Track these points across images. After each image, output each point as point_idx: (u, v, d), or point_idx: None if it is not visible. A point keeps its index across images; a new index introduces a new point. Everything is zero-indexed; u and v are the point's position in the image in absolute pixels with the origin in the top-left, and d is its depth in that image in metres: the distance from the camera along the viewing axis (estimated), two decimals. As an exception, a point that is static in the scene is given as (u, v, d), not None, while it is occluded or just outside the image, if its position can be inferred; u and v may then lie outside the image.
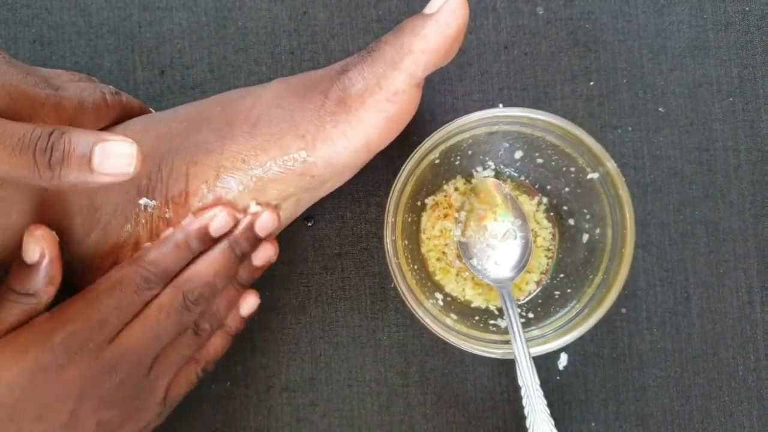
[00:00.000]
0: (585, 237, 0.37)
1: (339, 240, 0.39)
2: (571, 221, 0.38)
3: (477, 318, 0.37)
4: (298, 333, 0.39)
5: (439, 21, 0.31)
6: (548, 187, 0.38)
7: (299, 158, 0.33)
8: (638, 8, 0.40)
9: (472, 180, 0.39)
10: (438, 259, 0.39)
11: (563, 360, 0.39)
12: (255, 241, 0.34)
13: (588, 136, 0.34)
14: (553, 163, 0.37)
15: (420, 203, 0.38)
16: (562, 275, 0.38)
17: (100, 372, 0.31)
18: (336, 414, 0.39)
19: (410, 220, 0.37)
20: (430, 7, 0.31)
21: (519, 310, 0.37)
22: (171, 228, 0.33)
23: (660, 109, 0.39)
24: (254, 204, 0.34)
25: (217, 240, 0.33)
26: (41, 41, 0.40)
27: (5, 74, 0.28)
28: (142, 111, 0.36)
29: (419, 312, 0.34)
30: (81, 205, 0.33)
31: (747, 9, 0.40)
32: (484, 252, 0.38)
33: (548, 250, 0.39)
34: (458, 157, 0.38)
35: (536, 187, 0.39)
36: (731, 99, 0.39)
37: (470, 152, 0.38)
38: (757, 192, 0.39)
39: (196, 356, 0.35)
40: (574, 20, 0.40)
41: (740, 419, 0.39)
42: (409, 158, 0.34)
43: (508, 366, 0.39)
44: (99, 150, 0.26)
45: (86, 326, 0.31)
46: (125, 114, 0.35)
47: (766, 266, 0.39)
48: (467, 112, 0.34)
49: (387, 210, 0.34)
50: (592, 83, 0.39)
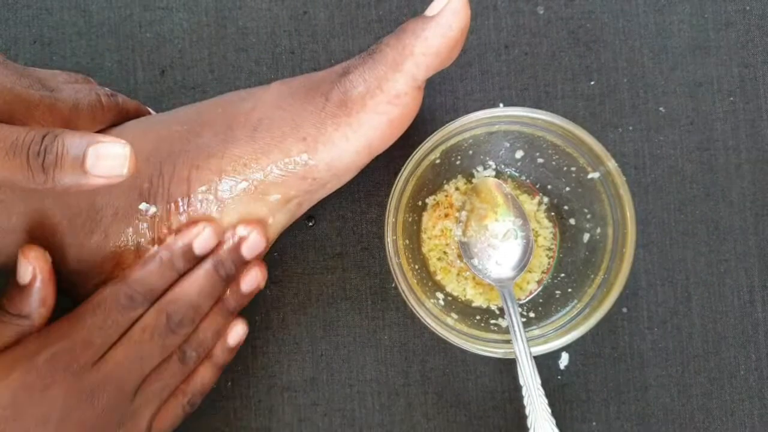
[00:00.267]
0: (586, 236, 0.37)
1: (340, 240, 0.39)
2: (572, 221, 0.38)
3: (478, 317, 0.37)
4: (299, 333, 0.39)
5: (441, 23, 0.31)
6: (549, 187, 0.38)
7: (301, 161, 0.32)
8: (639, 7, 0.40)
9: (473, 180, 0.39)
10: (439, 259, 0.39)
11: (564, 359, 0.39)
12: (241, 264, 0.34)
13: (589, 136, 0.34)
14: (554, 163, 0.37)
15: (421, 203, 0.38)
16: (563, 275, 0.38)
17: (83, 394, 0.30)
18: (337, 414, 0.39)
19: (411, 220, 0.37)
20: (432, 9, 0.31)
21: (520, 310, 0.37)
22: (172, 235, 0.33)
23: (661, 109, 0.39)
24: (242, 227, 0.33)
25: (202, 259, 0.33)
26: (42, 41, 0.40)
27: None
28: (139, 113, 0.36)
29: (420, 312, 0.34)
30: (81, 208, 0.32)
31: (748, 8, 0.39)
32: (485, 252, 0.38)
33: (549, 250, 0.39)
34: (459, 157, 0.38)
35: (537, 187, 0.39)
36: (732, 98, 0.39)
37: (471, 152, 0.38)
38: (758, 191, 0.39)
39: (183, 387, 0.34)
40: (575, 20, 0.40)
41: (741, 418, 0.39)
42: (410, 158, 0.34)
43: (509, 365, 0.39)
44: (92, 152, 0.26)
45: (70, 346, 0.30)
46: (122, 116, 0.35)
47: (767, 265, 0.39)
48: (468, 112, 0.34)
49: (388, 210, 0.34)
50: (593, 83, 0.39)
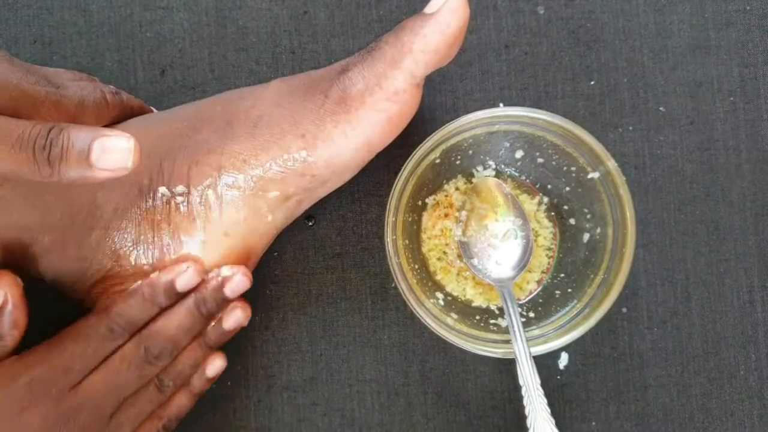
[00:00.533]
0: (586, 236, 0.37)
1: (340, 240, 0.39)
2: (572, 221, 0.38)
3: (478, 317, 0.37)
4: (299, 332, 0.39)
5: (440, 21, 0.31)
6: (549, 187, 0.38)
7: (300, 158, 0.33)
8: (639, 7, 0.39)
9: (473, 179, 0.39)
10: (439, 259, 0.39)
11: (564, 359, 0.39)
12: (223, 303, 0.34)
13: (589, 136, 0.34)
14: (554, 163, 0.37)
15: (421, 203, 0.38)
16: (563, 275, 0.38)
17: (61, 418, 0.31)
18: (337, 413, 0.39)
19: (411, 220, 0.37)
20: (431, 7, 0.31)
21: (520, 310, 0.37)
22: (156, 272, 0.33)
23: (661, 109, 0.39)
24: (227, 267, 0.34)
25: (185, 295, 0.33)
26: (42, 41, 0.40)
27: (5, 73, 0.28)
28: (143, 110, 0.37)
29: (420, 311, 0.34)
30: (82, 205, 0.33)
31: (748, 8, 0.39)
32: (485, 251, 0.38)
33: (549, 250, 0.39)
34: (459, 157, 0.38)
35: (537, 187, 0.39)
36: (732, 98, 0.39)
37: (471, 152, 0.38)
38: (758, 191, 0.39)
39: (159, 412, 0.35)
40: (575, 19, 0.40)
41: (741, 418, 0.39)
42: (410, 158, 0.34)
43: (509, 365, 0.39)
44: (97, 145, 0.26)
45: (50, 370, 0.31)
46: (125, 113, 0.35)
47: (767, 265, 0.39)
48: (468, 112, 0.34)
49: (388, 209, 0.34)
50: (593, 82, 0.39)
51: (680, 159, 0.39)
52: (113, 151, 0.27)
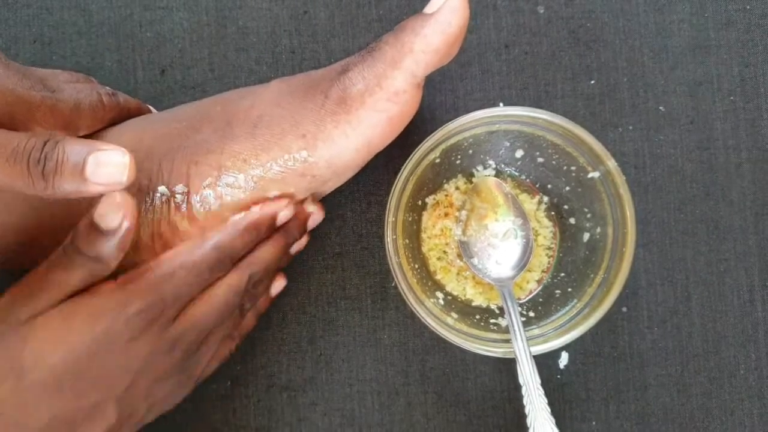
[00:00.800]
0: (586, 236, 0.37)
1: (339, 239, 0.39)
2: (572, 220, 0.38)
3: (478, 317, 0.37)
4: (299, 332, 0.39)
5: (440, 20, 0.31)
6: (549, 186, 0.38)
7: (300, 158, 0.33)
8: (639, 7, 0.39)
9: (473, 179, 0.39)
10: (439, 258, 0.39)
11: (564, 359, 0.39)
12: (301, 236, 0.37)
13: (589, 135, 0.34)
14: (554, 162, 0.37)
15: (421, 202, 0.38)
16: (563, 274, 0.38)
17: (166, 346, 0.31)
18: (336, 413, 0.39)
19: (411, 220, 0.37)
20: (431, 7, 0.31)
21: (520, 309, 0.37)
22: (238, 215, 0.34)
23: (661, 108, 0.39)
24: (311, 204, 0.36)
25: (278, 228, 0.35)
26: (42, 41, 0.40)
27: (0, 78, 0.28)
28: (141, 111, 0.36)
29: (420, 311, 0.34)
30: (82, 206, 0.33)
31: (748, 7, 0.39)
32: (485, 251, 0.38)
33: (549, 249, 0.39)
34: (459, 157, 0.38)
35: (537, 186, 0.39)
36: (732, 98, 0.39)
37: (471, 151, 0.38)
38: (758, 190, 0.39)
39: (232, 333, 0.36)
40: (575, 19, 0.40)
41: (741, 418, 0.39)
42: (410, 157, 0.34)
43: (509, 365, 0.39)
44: (92, 159, 0.26)
45: (161, 300, 0.31)
46: (123, 115, 0.35)
47: (767, 265, 0.39)
48: (468, 111, 0.34)
49: (388, 209, 0.34)
50: (593, 82, 0.39)
51: (680, 158, 0.39)
52: (108, 165, 0.27)
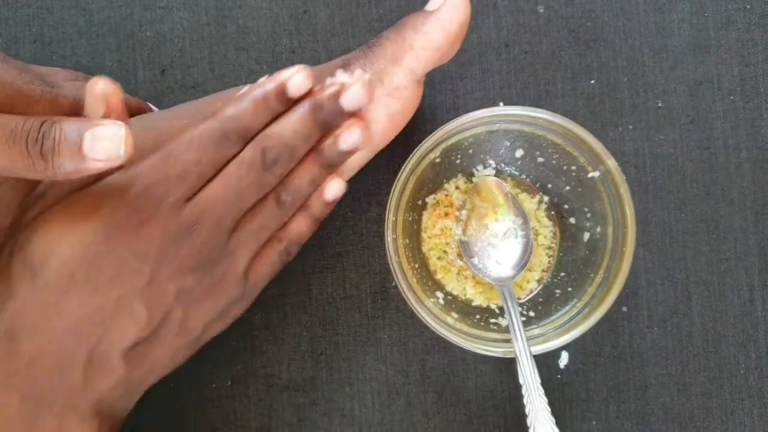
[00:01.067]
0: (586, 235, 0.37)
1: (340, 239, 0.39)
2: (572, 220, 0.38)
3: (478, 317, 0.37)
4: (299, 332, 0.39)
5: (441, 18, 0.31)
6: (549, 186, 0.38)
7: None
8: (639, 6, 0.39)
9: (473, 179, 0.39)
10: (439, 258, 0.39)
11: (564, 358, 0.39)
12: (339, 114, 0.31)
13: (589, 135, 0.34)
14: (554, 162, 0.37)
15: (421, 202, 0.38)
16: (563, 274, 0.38)
17: (180, 230, 0.29)
18: (337, 413, 0.39)
19: (411, 219, 0.37)
20: (432, 4, 0.31)
21: (520, 309, 0.37)
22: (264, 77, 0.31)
23: (661, 108, 0.39)
24: (341, 72, 0.31)
25: (298, 102, 0.31)
26: (42, 40, 0.40)
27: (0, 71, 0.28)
28: (141, 110, 0.36)
29: (420, 311, 0.34)
30: None
31: (748, 7, 0.39)
32: (485, 251, 0.38)
33: (549, 249, 0.39)
34: (459, 156, 0.38)
35: (537, 186, 0.39)
36: (732, 97, 0.39)
37: (471, 151, 0.38)
38: (758, 190, 0.39)
39: (279, 234, 0.33)
40: (575, 18, 0.40)
41: (741, 417, 0.39)
42: (410, 157, 0.34)
43: (509, 364, 0.39)
44: (89, 135, 0.26)
45: (164, 179, 0.29)
46: None
47: (767, 264, 0.39)
48: (468, 111, 0.34)
49: (388, 209, 0.34)
50: (593, 81, 0.39)
51: (680, 158, 0.39)
52: (104, 140, 0.26)
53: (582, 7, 0.39)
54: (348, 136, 0.31)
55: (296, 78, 0.30)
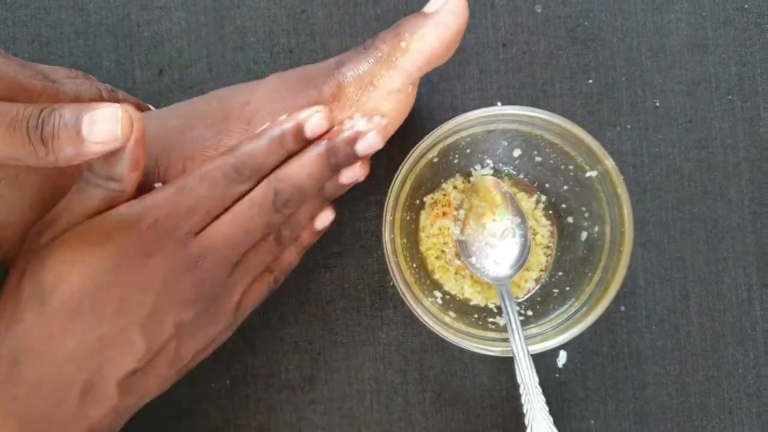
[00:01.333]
0: (584, 235, 0.37)
1: (338, 238, 0.39)
2: (570, 219, 0.38)
3: (476, 316, 0.37)
4: (298, 331, 0.39)
5: (439, 22, 0.31)
6: (547, 185, 0.38)
7: None
8: (637, 6, 0.39)
9: (471, 178, 0.39)
10: (437, 258, 0.39)
11: (562, 358, 0.39)
12: (351, 158, 0.32)
13: (586, 134, 0.34)
14: (552, 161, 0.37)
15: (419, 202, 0.38)
16: (561, 273, 0.38)
17: (186, 264, 0.30)
18: (335, 412, 0.39)
19: (409, 219, 0.37)
20: (430, 7, 0.31)
21: (518, 308, 0.37)
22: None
23: (659, 107, 0.39)
24: (359, 117, 0.31)
25: (312, 143, 0.31)
26: (40, 41, 0.40)
27: (1, 66, 0.29)
28: (140, 109, 0.36)
29: (418, 310, 0.34)
30: None
31: (746, 6, 0.39)
32: (483, 250, 0.38)
33: (547, 248, 0.39)
34: (457, 156, 0.38)
35: (535, 185, 0.39)
36: (730, 97, 0.39)
37: (469, 150, 0.38)
38: (756, 189, 0.39)
39: (271, 266, 0.34)
40: (573, 18, 0.40)
41: (740, 416, 0.39)
42: (408, 156, 0.34)
43: (507, 364, 0.39)
44: (87, 118, 0.27)
45: (175, 213, 0.29)
46: None
47: (766, 263, 0.39)
48: (466, 111, 0.34)
49: (386, 208, 0.34)
50: (591, 81, 0.39)
51: (678, 157, 0.39)
52: (102, 122, 0.27)
53: (580, 7, 0.39)
54: (350, 172, 0.32)
55: (313, 119, 0.31)
